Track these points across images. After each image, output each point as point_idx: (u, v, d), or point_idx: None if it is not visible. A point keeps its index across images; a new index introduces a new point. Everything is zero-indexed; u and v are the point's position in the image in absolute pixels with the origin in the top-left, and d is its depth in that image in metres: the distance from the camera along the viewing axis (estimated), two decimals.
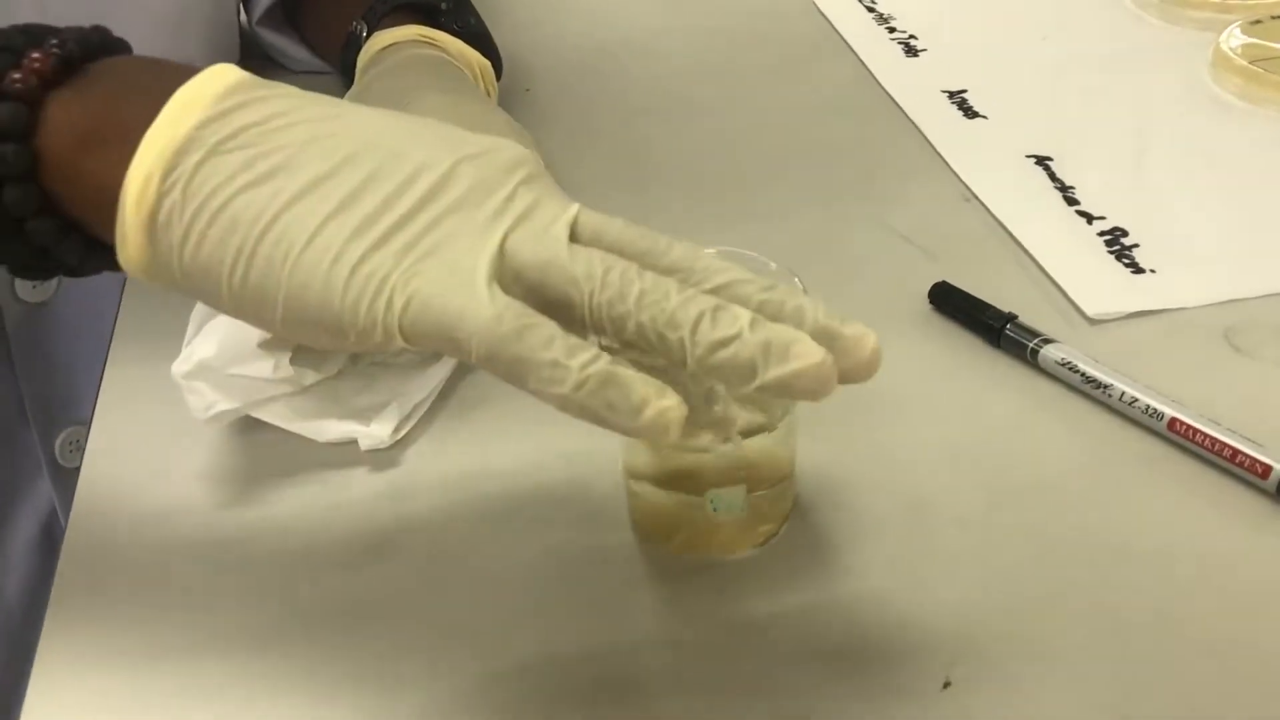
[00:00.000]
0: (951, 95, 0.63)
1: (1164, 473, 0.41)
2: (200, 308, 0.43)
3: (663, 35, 0.73)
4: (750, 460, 0.36)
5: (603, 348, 0.27)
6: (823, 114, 0.64)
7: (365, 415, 0.43)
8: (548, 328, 0.27)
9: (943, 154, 0.59)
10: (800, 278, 0.37)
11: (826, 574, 0.38)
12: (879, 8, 0.73)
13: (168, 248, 0.29)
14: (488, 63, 0.58)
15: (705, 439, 0.30)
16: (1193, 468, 0.41)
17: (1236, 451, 0.40)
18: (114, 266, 0.31)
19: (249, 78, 0.31)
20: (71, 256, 0.32)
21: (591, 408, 0.27)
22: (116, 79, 0.32)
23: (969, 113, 0.62)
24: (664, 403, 0.26)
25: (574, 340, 0.27)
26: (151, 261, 0.30)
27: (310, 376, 0.43)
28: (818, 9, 0.73)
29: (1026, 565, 0.38)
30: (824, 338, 0.27)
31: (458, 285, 0.27)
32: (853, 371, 0.27)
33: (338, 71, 0.62)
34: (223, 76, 0.31)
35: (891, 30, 0.70)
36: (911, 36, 0.69)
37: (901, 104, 0.63)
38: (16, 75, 0.31)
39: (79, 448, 0.59)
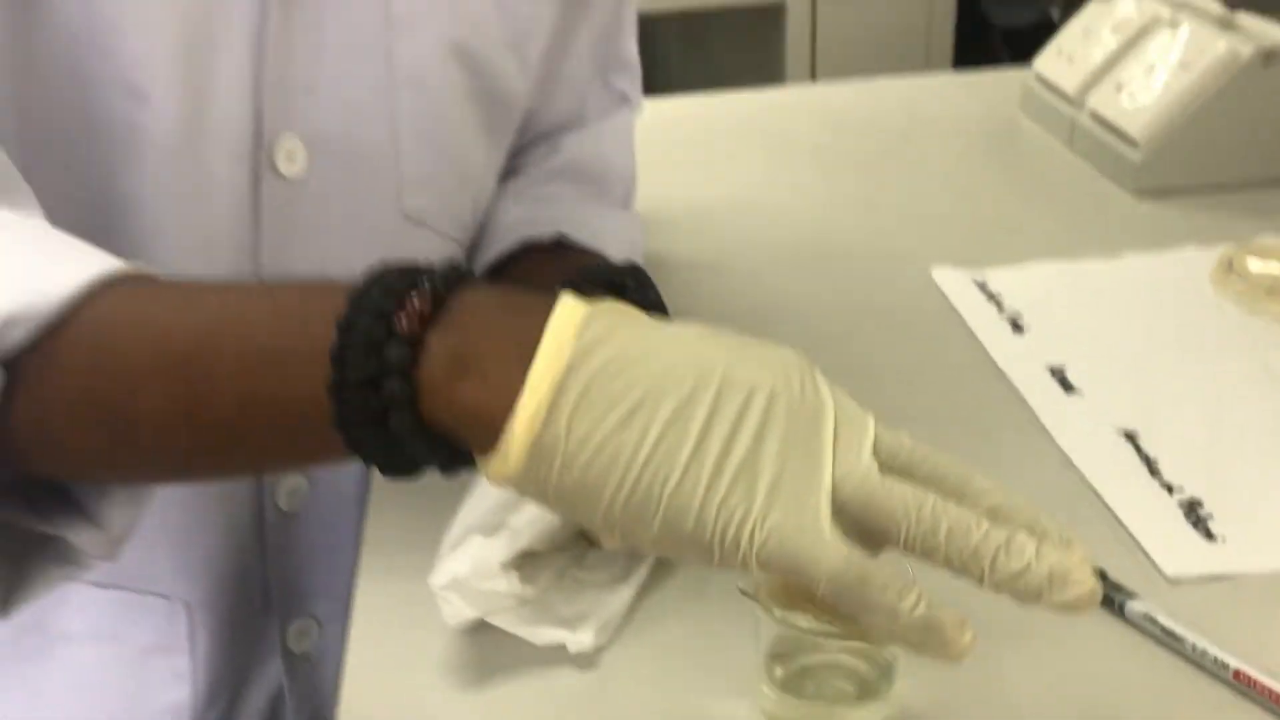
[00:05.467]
0: (1053, 371, 0.74)
1: (1230, 718, 0.49)
2: (455, 530, 0.54)
3: (788, 301, 0.85)
4: None
5: None
6: (937, 379, 0.75)
7: (573, 623, 0.53)
8: (882, 573, 0.36)
9: (1044, 423, 0.69)
10: None
11: None
12: (990, 287, 0.84)
13: (546, 469, 0.36)
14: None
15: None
16: (1256, 715, 0.49)
17: None
18: (467, 466, 0.39)
19: (588, 307, 0.38)
20: (435, 463, 0.39)
21: (909, 640, 0.37)
22: (480, 315, 0.39)
23: (1067, 387, 0.72)
24: (965, 638, 0.37)
25: (902, 583, 0.36)
26: (526, 477, 0.36)
27: (530, 591, 0.54)
28: (936, 285, 0.85)
29: None
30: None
31: (806, 526, 0.35)
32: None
33: None
34: (574, 309, 0.38)
35: (1000, 309, 0.82)
36: (1018, 314, 0.81)
37: (1009, 375, 0.74)
38: (402, 316, 0.37)
39: (307, 635, 0.71)
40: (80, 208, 0.60)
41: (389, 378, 0.37)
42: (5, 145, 0.54)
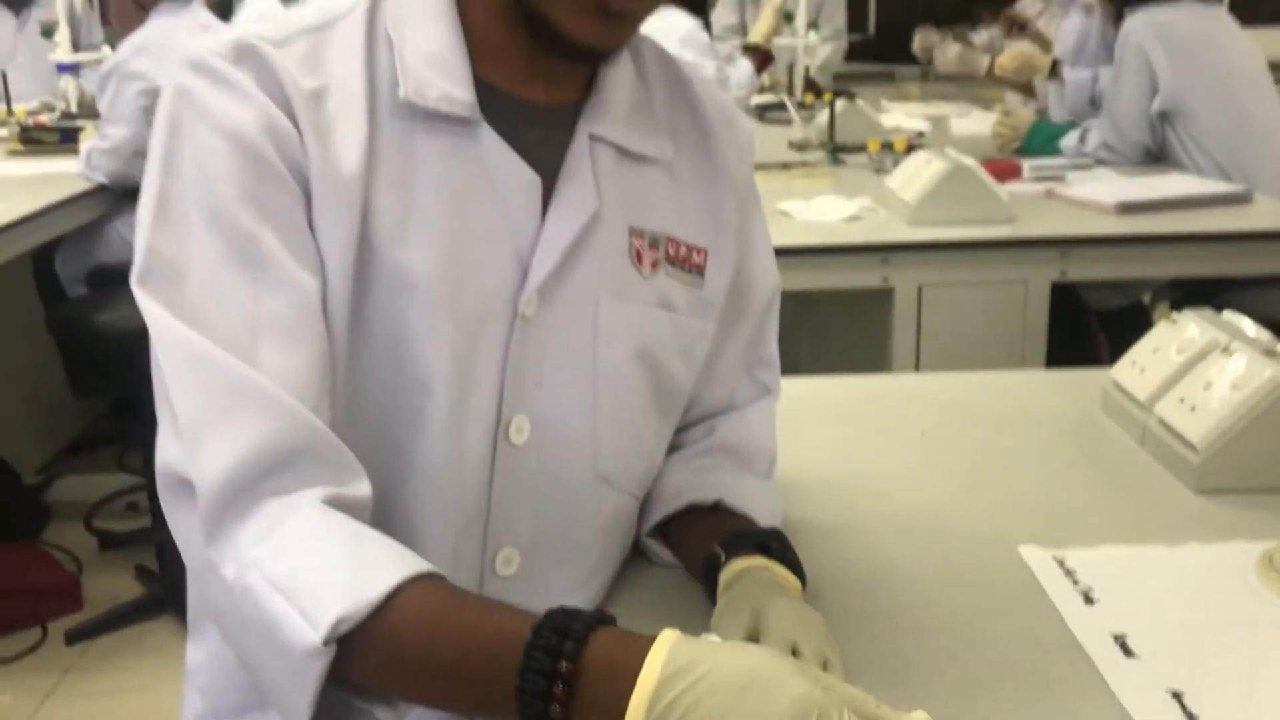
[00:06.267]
0: (1116, 638, 0.91)
1: None
2: None
3: (895, 567, 1.03)
4: None
5: None
6: (1018, 639, 0.92)
7: None
8: None
9: (1107, 681, 0.86)
10: None
11: None
12: (1068, 564, 1.02)
13: None
14: (798, 583, 0.90)
15: None
16: None
17: None
18: None
19: (668, 665, 0.62)
20: None
21: None
22: (592, 689, 0.63)
23: (1128, 652, 0.89)
24: None
25: None
26: None
27: None
28: (1022, 559, 1.03)
29: None
30: None
31: None
32: None
33: (696, 577, 0.95)
34: (657, 662, 0.62)
35: (1075, 583, 0.99)
36: (1090, 589, 0.98)
37: (1079, 639, 0.91)
38: (556, 708, 0.63)
39: None
40: (376, 466, 0.82)
41: None
42: (336, 422, 0.78)
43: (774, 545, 0.92)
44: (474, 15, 0.86)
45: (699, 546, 0.95)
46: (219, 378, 0.74)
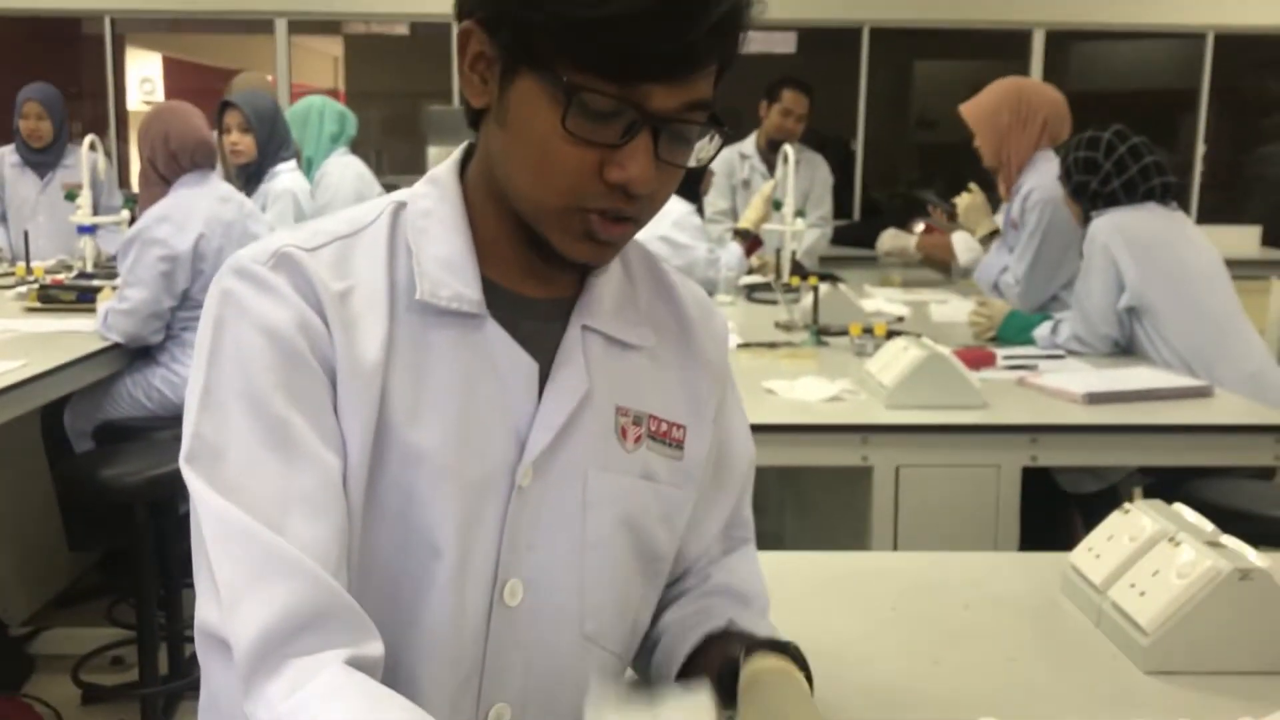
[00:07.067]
0: None
1: None
2: None
3: None
4: None
5: None
6: None
7: None
8: None
9: None
10: None
11: None
12: None
13: None
14: (804, 679, 0.97)
15: None
16: None
17: None
18: None
19: None
20: None
21: None
22: None
23: None
24: None
25: None
26: None
27: None
28: None
29: None
30: None
31: None
32: None
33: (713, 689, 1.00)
34: None
35: None
36: None
37: None
38: None
39: None
40: (384, 623, 0.91)
41: None
42: (350, 584, 0.87)
43: (791, 647, 0.98)
44: (482, 226, 0.99)
45: (716, 656, 1.01)
46: (253, 547, 0.84)
